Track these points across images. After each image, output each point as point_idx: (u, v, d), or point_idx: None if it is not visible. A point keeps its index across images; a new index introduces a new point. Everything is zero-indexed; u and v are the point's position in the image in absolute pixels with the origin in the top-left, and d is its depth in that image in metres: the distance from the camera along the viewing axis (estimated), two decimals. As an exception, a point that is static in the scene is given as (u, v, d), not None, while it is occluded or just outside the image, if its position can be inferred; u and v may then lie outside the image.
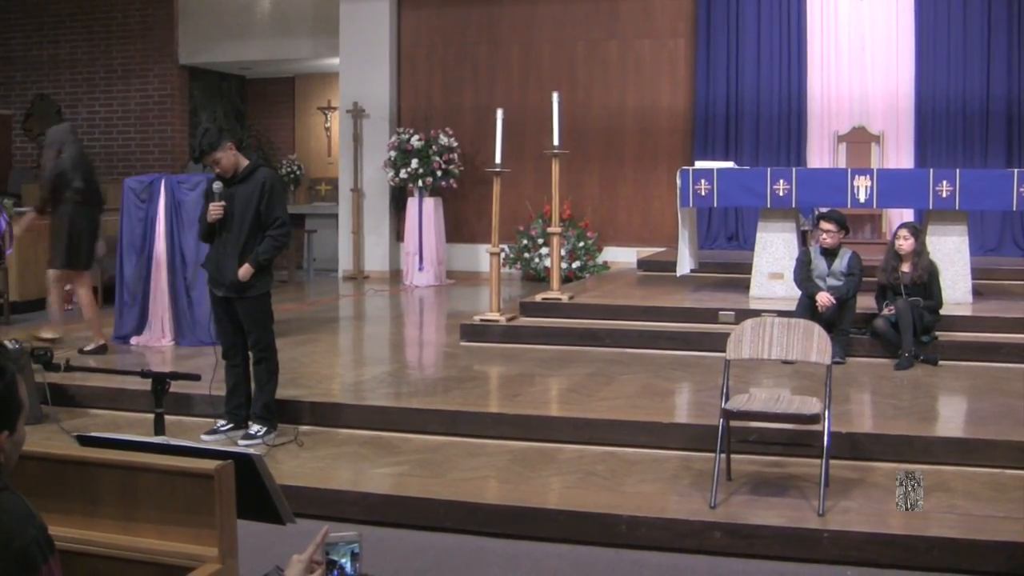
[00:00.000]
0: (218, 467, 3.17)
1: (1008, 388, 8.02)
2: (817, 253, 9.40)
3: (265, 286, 7.30)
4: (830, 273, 9.25)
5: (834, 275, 9.24)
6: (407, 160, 15.05)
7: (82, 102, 18.21)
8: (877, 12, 14.22)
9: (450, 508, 6.05)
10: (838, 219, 9.31)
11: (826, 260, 9.31)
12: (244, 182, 7.18)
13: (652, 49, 15.16)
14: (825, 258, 9.32)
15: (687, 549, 5.64)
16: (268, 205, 7.14)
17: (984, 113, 13.79)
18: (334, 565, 2.76)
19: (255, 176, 7.20)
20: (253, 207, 7.14)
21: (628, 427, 7.13)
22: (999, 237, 13.71)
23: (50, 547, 2.54)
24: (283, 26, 17.11)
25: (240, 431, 7.32)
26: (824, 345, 5.99)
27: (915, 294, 9.03)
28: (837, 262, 9.26)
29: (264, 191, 7.14)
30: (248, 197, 7.15)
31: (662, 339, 9.73)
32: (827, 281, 9.22)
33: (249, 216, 7.14)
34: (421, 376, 9.22)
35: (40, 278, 14.01)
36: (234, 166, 7.21)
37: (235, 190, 7.19)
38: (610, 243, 15.14)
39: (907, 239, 9.17)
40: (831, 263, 9.27)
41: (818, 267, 9.31)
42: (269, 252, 7.17)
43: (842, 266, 9.23)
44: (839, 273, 9.22)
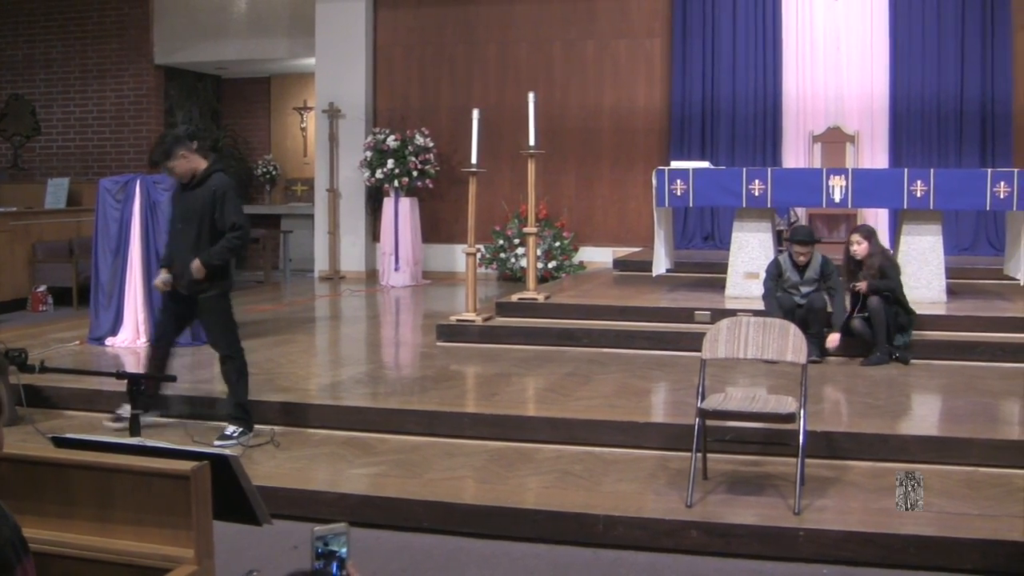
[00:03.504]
0: (194, 468, 3.16)
1: (982, 387, 8.08)
2: (788, 264, 9.36)
3: (220, 287, 7.31)
4: (803, 281, 9.25)
5: (807, 283, 9.25)
6: (383, 160, 15.03)
7: (57, 102, 18.09)
8: (852, 13, 14.28)
9: (428, 508, 6.05)
10: (807, 239, 9.28)
11: (798, 271, 9.29)
12: (199, 187, 7.22)
13: (628, 49, 15.18)
14: (797, 269, 9.31)
15: (664, 548, 5.65)
16: (222, 213, 7.17)
17: (958, 113, 13.87)
18: (333, 556, 2.75)
19: (208, 183, 7.23)
20: (208, 214, 7.17)
21: (605, 427, 7.14)
22: (973, 236, 13.79)
23: (24, 548, 2.53)
24: (259, 26, 17.05)
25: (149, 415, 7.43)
26: (799, 344, 6.01)
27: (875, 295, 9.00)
28: (809, 270, 9.25)
29: (216, 199, 7.17)
30: (203, 203, 7.19)
31: (638, 339, 9.75)
32: (801, 289, 9.23)
33: (206, 221, 7.18)
34: (398, 376, 9.21)
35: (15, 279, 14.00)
36: (191, 171, 7.26)
37: (190, 195, 7.25)
38: (586, 243, 15.16)
39: (860, 243, 9.15)
40: (803, 272, 9.26)
41: (790, 278, 9.30)
42: (221, 254, 7.20)
43: (815, 272, 9.23)
44: (812, 279, 9.24)
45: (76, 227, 15.10)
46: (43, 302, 14.09)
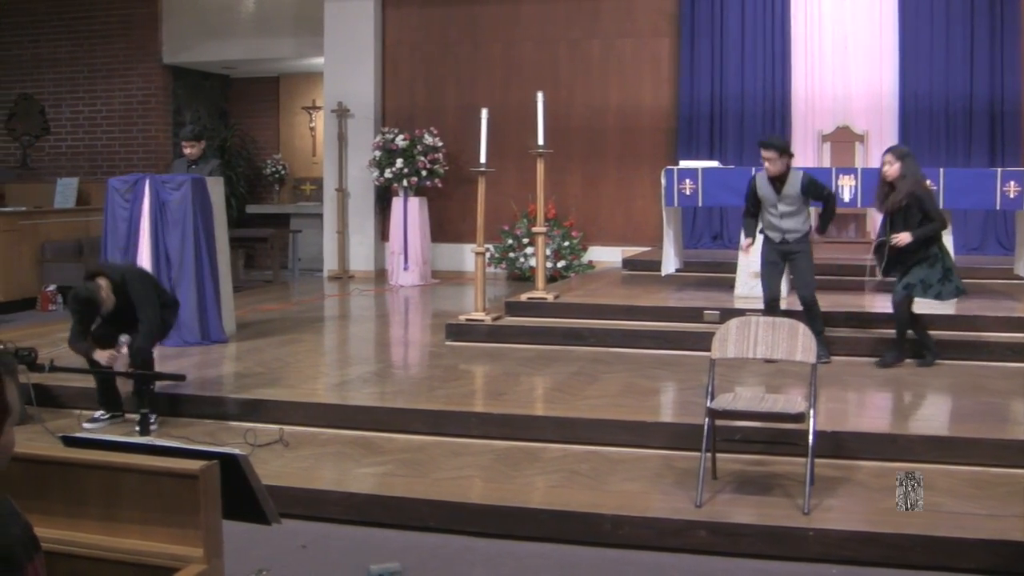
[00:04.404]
0: (203, 467, 3.17)
1: (991, 387, 8.06)
2: (764, 181, 8.87)
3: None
4: (780, 199, 8.76)
5: (785, 200, 8.76)
6: (392, 160, 15.04)
7: (65, 101, 18.14)
8: (861, 12, 14.26)
9: (434, 508, 6.05)
10: (778, 144, 8.76)
11: (773, 186, 8.79)
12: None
13: (635, 48, 15.18)
14: (773, 184, 8.80)
15: (671, 548, 5.65)
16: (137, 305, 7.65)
17: (967, 112, 13.83)
18: None
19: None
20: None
21: (612, 426, 7.14)
22: (982, 236, 13.74)
23: (35, 546, 2.54)
24: (267, 25, 17.08)
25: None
26: (809, 344, 6.00)
27: (901, 221, 8.49)
28: (787, 186, 8.75)
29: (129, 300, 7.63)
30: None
31: (646, 338, 9.74)
32: (779, 208, 8.78)
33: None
34: (406, 376, 9.22)
35: (24, 279, 14.03)
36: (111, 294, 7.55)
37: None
38: (594, 242, 15.15)
39: (892, 164, 8.54)
40: (780, 188, 8.76)
41: (767, 196, 8.82)
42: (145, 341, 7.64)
43: (794, 189, 8.75)
44: (792, 196, 8.76)
45: (85, 226, 15.13)
46: (52, 301, 14.13)
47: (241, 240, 16.12)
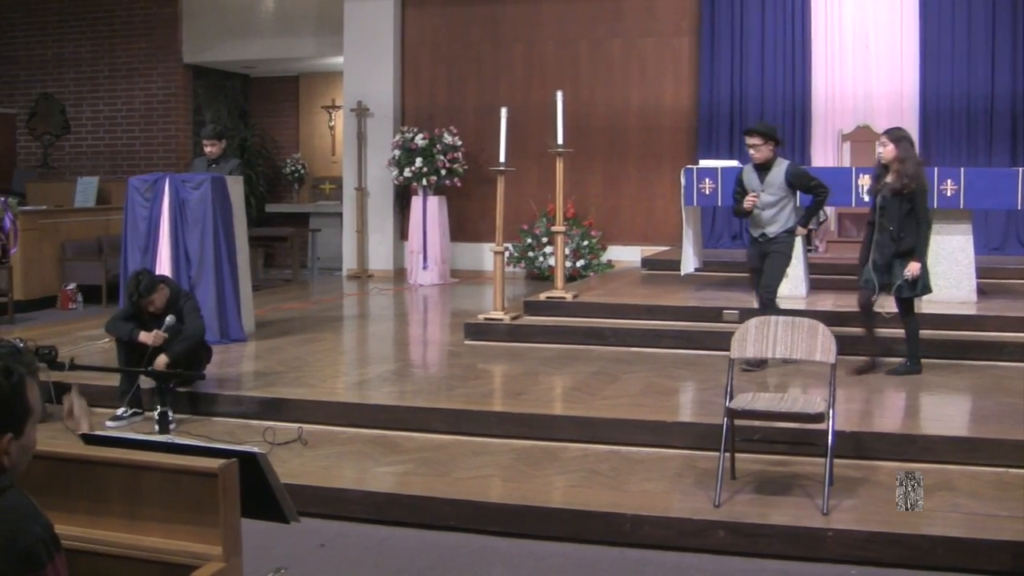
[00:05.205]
0: (222, 466, 3.17)
1: (1012, 387, 8.01)
2: (750, 169, 8.82)
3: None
4: (764, 187, 8.66)
5: (769, 188, 8.66)
6: (411, 159, 15.05)
7: (86, 100, 18.22)
8: (881, 10, 14.20)
9: (454, 507, 6.06)
10: (764, 130, 8.70)
11: (758, 174, 8.74)
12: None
13: (656, 47, 15.16)
14: (758, 172, 8.75)
15: (691, 548, 5.64)
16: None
17: (988, 112, 13.76)
18: None
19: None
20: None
21: (632, 426, 7.13)
22: (1003, 236, 13.68)
23: (56, 545, 2.55)
24: (287, 25, 17.12)
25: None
26: (828, 344, 5.98)
27: (896, 207, 8.17)
28: (771, 174, 8.67)
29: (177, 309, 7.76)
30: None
31: (666, 338, 9.72)
32: (761, 197, 8.65)
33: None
34: (425, 375, 9.22)
35: (44, 277, 14.10)
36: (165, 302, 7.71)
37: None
38: (613, 242, 15.14)
39: (886, 145, 8.27)
40: (763, 176, 8.70)
41: (751, 183, 8.74)
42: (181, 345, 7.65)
43: (778, 178, 8.66)
44: (775, 186, 8.65)
45: (105, 225, 15.18)
46: (72, 300, 14.20)
47: (260, 239, 16.18)
